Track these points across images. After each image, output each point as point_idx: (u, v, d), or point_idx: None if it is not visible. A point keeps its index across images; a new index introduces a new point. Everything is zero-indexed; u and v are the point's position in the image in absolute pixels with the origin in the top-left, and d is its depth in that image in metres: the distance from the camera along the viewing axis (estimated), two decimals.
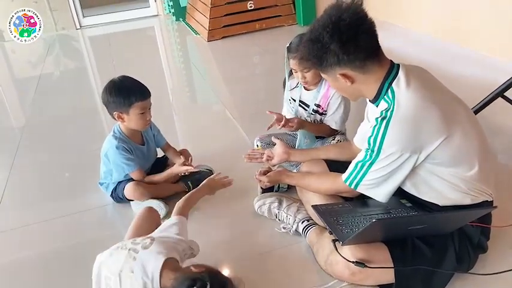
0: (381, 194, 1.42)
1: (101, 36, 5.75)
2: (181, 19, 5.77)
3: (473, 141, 1.38)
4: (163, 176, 2.07)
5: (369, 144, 1.38)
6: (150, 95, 1.96)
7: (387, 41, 1.55)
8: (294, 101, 2.19)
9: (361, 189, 1.45)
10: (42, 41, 5.54)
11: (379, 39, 1.36)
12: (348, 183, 1.47)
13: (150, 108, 1.98)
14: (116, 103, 1.91)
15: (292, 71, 2.07)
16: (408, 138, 1.32)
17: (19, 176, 2.53)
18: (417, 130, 1.31)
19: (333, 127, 2.12)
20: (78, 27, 6.06)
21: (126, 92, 1.90)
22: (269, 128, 2.05)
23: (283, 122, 2.03)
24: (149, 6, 6.34)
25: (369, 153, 1.38)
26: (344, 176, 1.49)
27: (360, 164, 1.42)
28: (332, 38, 1.30)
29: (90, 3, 6.41)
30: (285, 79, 2.22)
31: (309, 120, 2.15)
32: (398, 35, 4.12)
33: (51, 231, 2.01)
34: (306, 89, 2.15)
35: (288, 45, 2.05)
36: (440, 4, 3.76)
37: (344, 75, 1.36)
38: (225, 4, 4.74)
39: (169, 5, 5.95)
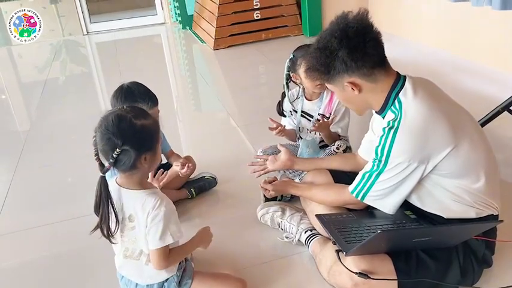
0: (388, 205, 1.42)
1: (108, 43, 5.78)
2: (188, 27, 5.80)
3: (480, 152, 1.38)
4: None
5: (376, 154, 1.38)
6: (158, 103, 1.92)
7: (394, 53, 1.55)
8: (296, 112, 2.19)
9: (368, 201, 1.45)
10: (49, 46, 5.58)
11: (385, 51, 1.37)
12: (354, 194, 1.46)
13: (158, 116, 1.96)
14: None
15: (306, 77, 2.04)
16: (416, 148, 1.31)
17: (22, 180, 2.53)
18: (425, 140, 1.30)
19: (338, 133, 2.12)
20: (85, 33, 6.09)
21: (133, 100, 1.84)
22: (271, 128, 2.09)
23: (277, 130, 2.07)
24: (156, 14, 6.38)
25: (376, 164, 1.38)
26: (351, 187, 1.48)
27: (367, 175, 1.42)
28: (340, 44, 1.31)
29: (97, 10, 6.46)
30: (280, 101, 2.23)
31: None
32: (405, 47, 4.13)
33: (55, 234, 2.01)
34: (307, 99, 2.15)
35: (291, 57, 2.05)
36: (447, 17, 3.78)
37: (352, 83, 1.37)
38: (232, 13, 4.76)
39: (176, 13, 5.98)
